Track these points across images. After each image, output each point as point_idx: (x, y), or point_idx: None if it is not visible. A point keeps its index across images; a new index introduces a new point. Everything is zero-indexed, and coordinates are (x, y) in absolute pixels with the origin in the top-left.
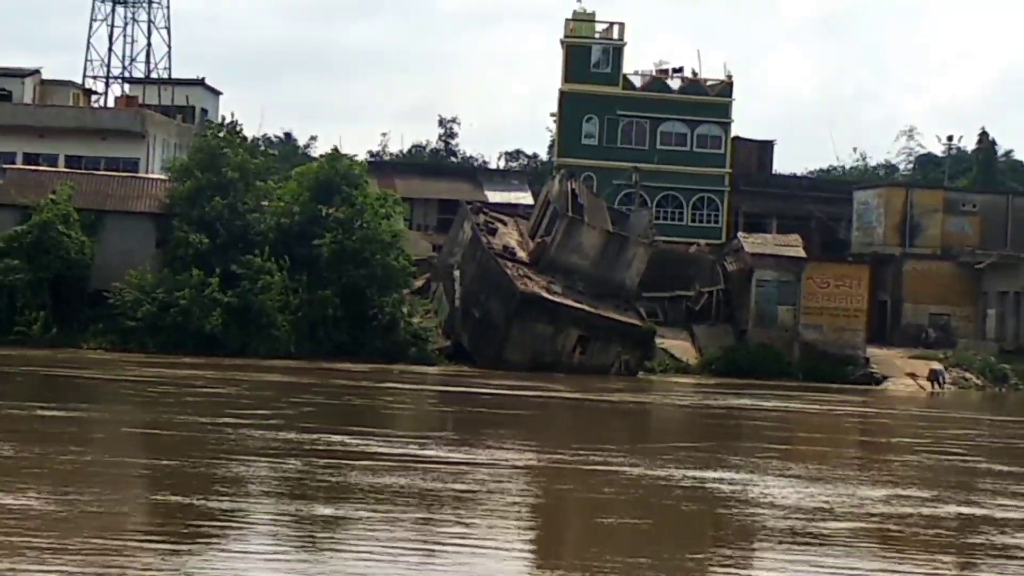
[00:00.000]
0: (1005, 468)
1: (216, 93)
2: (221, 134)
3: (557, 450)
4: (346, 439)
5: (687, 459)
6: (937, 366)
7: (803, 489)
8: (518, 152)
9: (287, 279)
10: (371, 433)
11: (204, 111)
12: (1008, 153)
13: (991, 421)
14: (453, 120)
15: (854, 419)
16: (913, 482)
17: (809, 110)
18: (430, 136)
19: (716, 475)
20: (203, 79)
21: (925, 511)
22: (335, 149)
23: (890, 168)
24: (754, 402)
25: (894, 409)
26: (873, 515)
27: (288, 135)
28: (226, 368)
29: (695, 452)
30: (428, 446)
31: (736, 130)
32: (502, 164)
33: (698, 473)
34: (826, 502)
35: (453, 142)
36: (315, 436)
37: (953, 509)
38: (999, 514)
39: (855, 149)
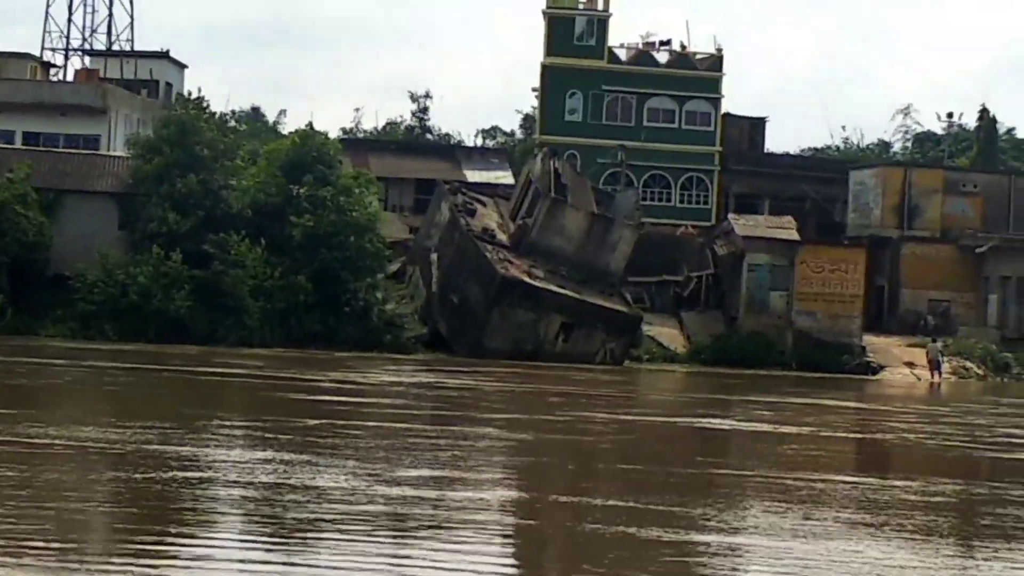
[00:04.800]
0: None
1: (181, 67)
2: (190, 108)
3: None
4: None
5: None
6: (935, 345)
7: None
8: (495, 129)
9: (261, 262)
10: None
11: (169, 85)
12: (1010, 131)
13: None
14: (426, 95)
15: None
16: None
17: (803, 87)
18: (404, 112)
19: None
20: (167, 52)
21: None
22: (309, 126)
23: (884, 145)
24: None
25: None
26: None
27: (256, 110)
28: (169, 356)
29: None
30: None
31: (726, 107)
32: (479, 142)
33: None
34: None
35: (427, 118)
36: None
37: None
38: None
39: (844, 127)
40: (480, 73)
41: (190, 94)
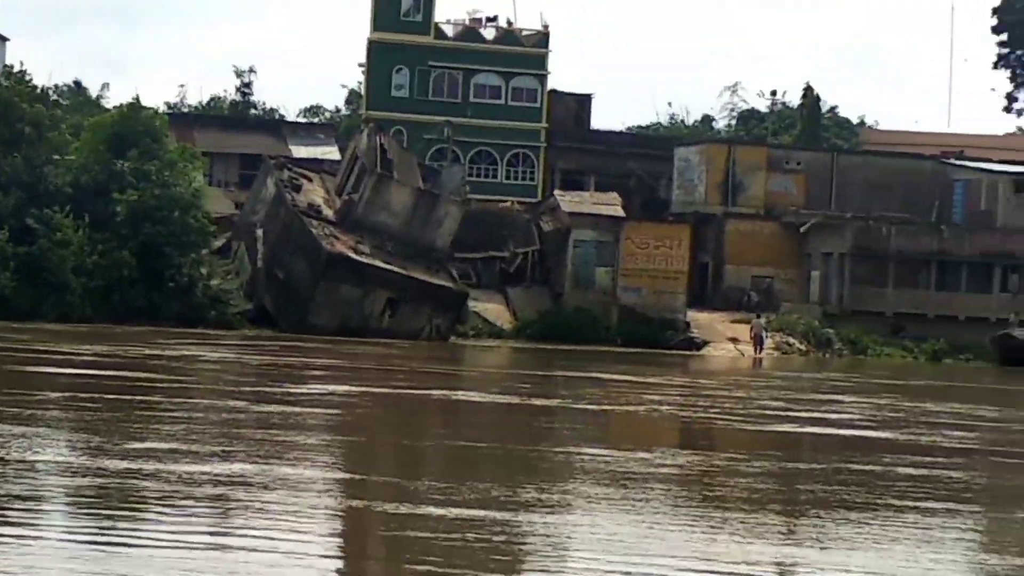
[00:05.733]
0: None
1: (2, 40)
2: (12, 83)
3: None
4: None
5: None
6: (759, 320)
7: None
8: (318, 107)
9: (84, 238)
10: None
11: None
12: (833, 109)
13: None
14: (251, 70)
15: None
16: None
17: (630, 64)
18: (228, 87)
19: None
20: None
21: None
22: (135, 99)
23: (707, 121)
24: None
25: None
26: None
27: (78, 84)
28: None
29: None
30: None
31: (553, 83)
32: (303, 119)
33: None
34: None
35: (252, 93)
36: None
37: None
38: None
39: (670, 104)
40: (305, 48)
41: (11, 68)
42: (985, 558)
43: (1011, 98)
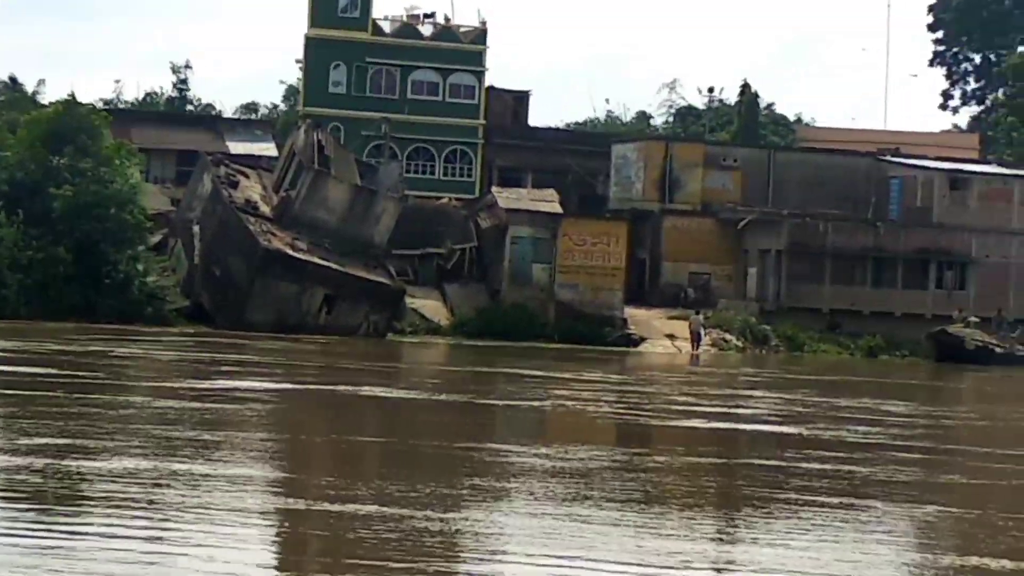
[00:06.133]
0: None
1: None
2: None
3: None
4: None
5: None
6: (697, 317)
7: None
8: (255, 104)
9: (20, 234)
10: None
11: None
12: (770, 106)
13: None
14: (187, 66)
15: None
16: None
17: (568, 60)
18: (165, 83)
19: None
20: None
21: None
22: (71, 96)
23: (645, 118)
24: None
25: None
26: None
27: (14, 80)
28: None
29: None
30: None
31: (491, 80)
32: (240, 116)
33: None
34: None
35: (188, 89)
36: None
37: None
38: None
39: (608, 101)
40: (242, 45)
41: None
42: (882, 552)
43: (946, 95)
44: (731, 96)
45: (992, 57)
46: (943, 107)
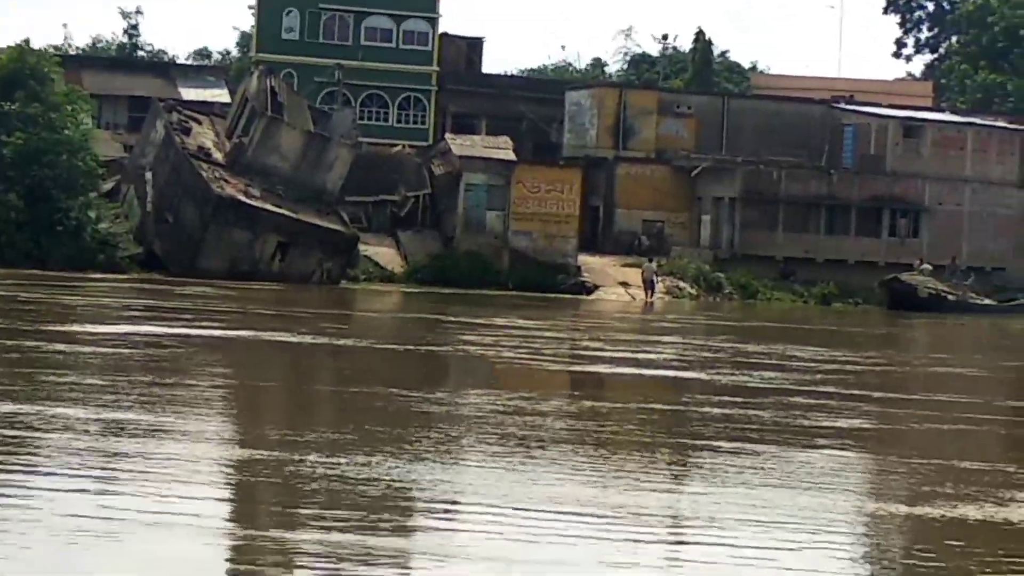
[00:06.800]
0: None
1: None
2: None
3: None
4: None
5: None
6: (651, 265)
7: None
8: (207, 50)
9: None
10: None
11: None
12: (724, 54)
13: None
14: (137, 11)
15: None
16: None
17: (523, 6)
18: (116, 29)
19: None
20: None
21: None
22: (25, 42)
23: (599, 65)
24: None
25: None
26: None
27: None
28: None
29: None
30: None
31: (444, 26)
32: (192, 62)
33: None
34: None
35: (139, 35)
36: None
37: None
38: None
39: (564, 48)
40: None
41: None
42: (772, 496)
43: (900, 43)
44: (685, 44)
45: (945, 5)
46: (897, 55)
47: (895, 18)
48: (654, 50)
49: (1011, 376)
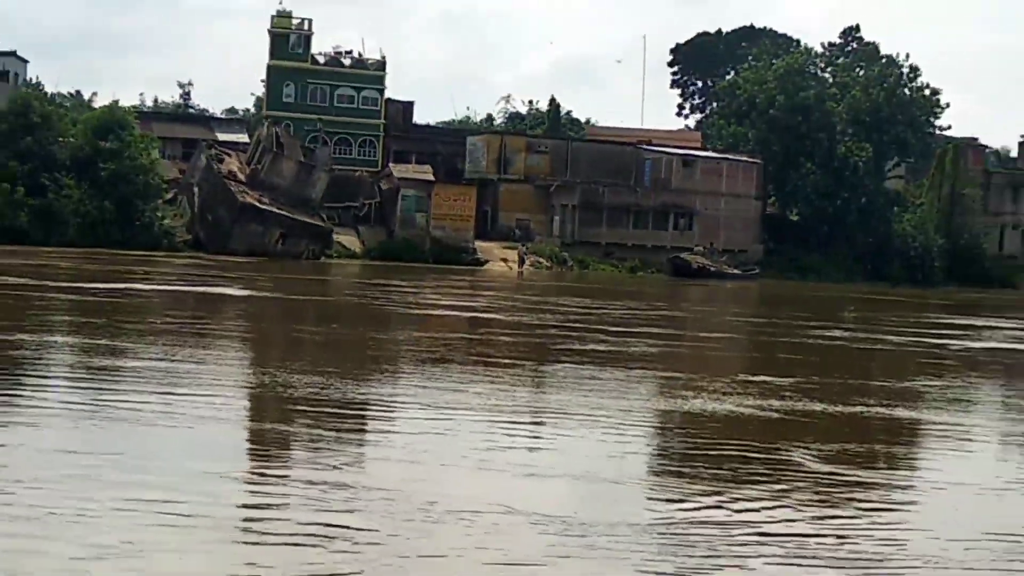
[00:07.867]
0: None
1: (24, 61)
2: (30, 90)
3: None
4: None
5: None
6: (521, 248)
7: None
8: (235, 108)
9: (81, 192)
10: None
11: (16, 74)
12: (568, 112)
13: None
14: (189, 83)
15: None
16: None
17: (440, 79)
18: (174, 94)
19: None
20: (15, 51)
21: None
22: (115, 103)
23: (489, 120)
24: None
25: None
26: None
27: (78, 92)
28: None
29: None
30: None
31: (389, 93)
32: (225, 116)
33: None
34: None
35: (190, 98)
36: None
37: None
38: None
39: (468, 108)
40: (227, 69)
41: (30, 81)
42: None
43: (681, 107)
44: (544, 106)
45: (710, 83)
46: (679, 114)
47: (677, 91)
48: (524, 110)
49: (748, 314)
